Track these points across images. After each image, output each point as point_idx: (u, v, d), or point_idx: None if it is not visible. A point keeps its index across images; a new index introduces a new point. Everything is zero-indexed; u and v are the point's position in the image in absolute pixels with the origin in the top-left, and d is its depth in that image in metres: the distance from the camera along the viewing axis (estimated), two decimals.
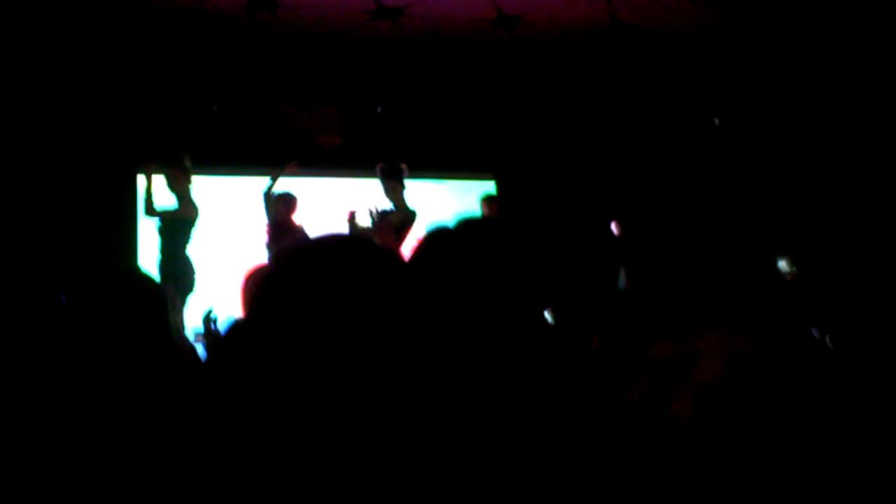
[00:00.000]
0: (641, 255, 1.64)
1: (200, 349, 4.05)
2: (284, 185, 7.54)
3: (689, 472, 1.43)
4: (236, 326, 2.33)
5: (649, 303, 1.64)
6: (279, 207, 7.41)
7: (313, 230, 7.47)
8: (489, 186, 9.23)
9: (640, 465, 1.44)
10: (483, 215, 7.83)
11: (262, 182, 7.55)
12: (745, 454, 1.44)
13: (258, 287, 1.12)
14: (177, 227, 7.23)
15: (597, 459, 1.46)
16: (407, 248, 6.90)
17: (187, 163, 7.32)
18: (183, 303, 7.06)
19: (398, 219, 7.02)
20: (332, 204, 8.30)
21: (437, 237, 1.36)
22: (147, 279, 2.00)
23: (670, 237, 1.61)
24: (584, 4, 7.33)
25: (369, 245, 1.12)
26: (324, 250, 1.11)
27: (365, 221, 6.91)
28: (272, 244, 7.33)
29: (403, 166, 7.18)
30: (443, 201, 8.21)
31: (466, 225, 1.38)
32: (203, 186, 7.66)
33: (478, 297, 1.24)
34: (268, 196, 7.39)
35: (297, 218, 7.51)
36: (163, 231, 7.28)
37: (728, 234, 1.75)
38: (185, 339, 4.53)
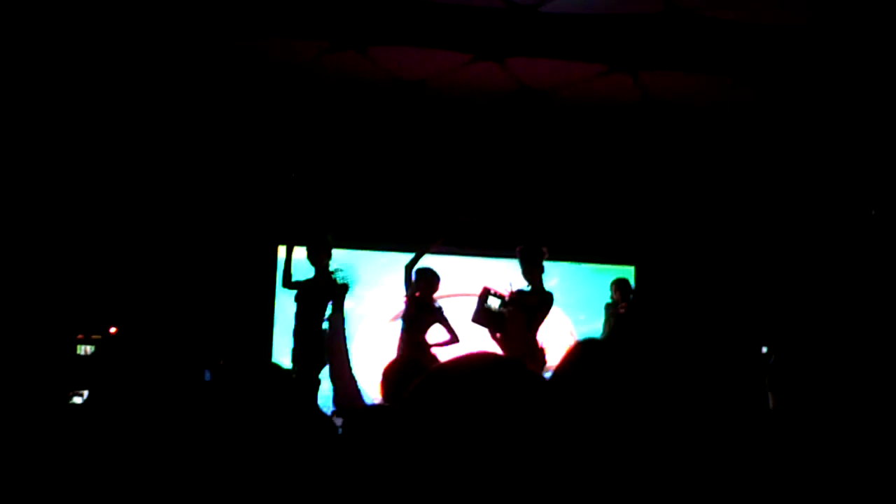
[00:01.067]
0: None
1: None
2: (427, 262, 7.61)
3: None
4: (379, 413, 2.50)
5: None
6: (420, 284, 7.47)
7: (450, 308, 7.55)
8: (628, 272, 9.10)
9: None
10: (613, 299, 7.70)
11: (404, 258, 7.64)
12: None
13: (407, 397, 1.13)
14: (313, 299, 7.34)
15: None
16: (539, 331, 7.00)
17: (329, 237, 7.46)
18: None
19: (533, 301, 6.99)
20: (472, 281, 8.31)
21: (589, 352, 1.30)
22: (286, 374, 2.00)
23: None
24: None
25: (517, 368, 1.11)
26: (471, 375, 1.11)
27: (496, 301, 6.90)
28: (408, 319, 7.35)
29: (544, 249, 7.17)
30: (576, 285, 8.02)
31: (619, 340, 1.32)
32: (344, 259, 7.78)
33: (635, 422, 1.19)
34: (409, 269, 7.45)
35: (437, 296, 7.54)
36: (300, 303, 7.41)
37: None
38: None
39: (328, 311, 7.08)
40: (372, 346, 7.77)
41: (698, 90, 7.52)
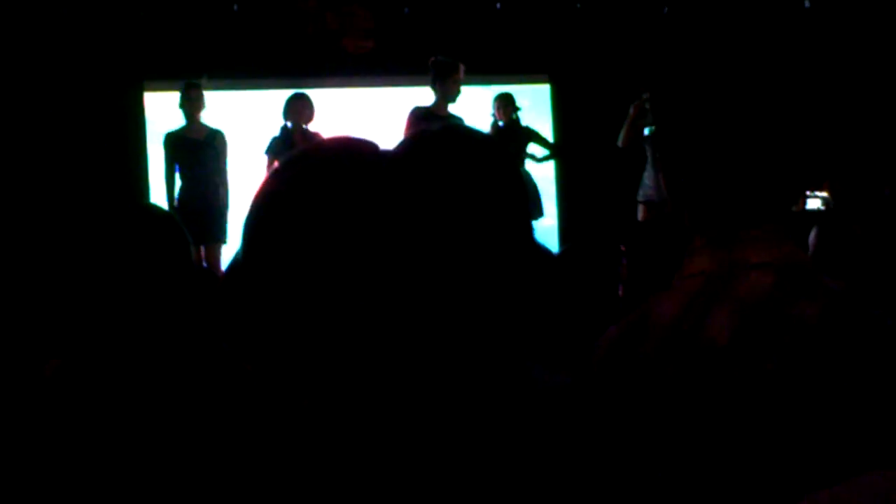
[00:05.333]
0: (677, 151, 1.42)
1: None
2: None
3: (730, 404, 1.27)
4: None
5: (686, 210, 1.43)
6: (289, 115, 6.92)
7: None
8: (543, 91, 8.44)
9: (672, 393, 1.31)
10: (495, 119, 7.30)
11: (282, 95, 7.03)
12: (796, 382, 1.25)
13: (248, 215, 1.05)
14: (188, 149, 6.84)
15: (620, 387, 1.36)
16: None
17: (204, 82, 6.93)
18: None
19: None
20: (364, 117, 7.63)
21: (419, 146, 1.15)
22: (168, 218, 2.03)
23: (710, 127, 1.38)
24: None
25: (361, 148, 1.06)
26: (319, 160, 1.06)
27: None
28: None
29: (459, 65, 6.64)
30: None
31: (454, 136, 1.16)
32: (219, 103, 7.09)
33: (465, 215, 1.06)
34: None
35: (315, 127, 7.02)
36: (172, 154, 6.90)
37: (780, 127, 1.39)
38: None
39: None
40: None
41: None
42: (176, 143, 6.85)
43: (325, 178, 1.01)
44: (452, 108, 6.62)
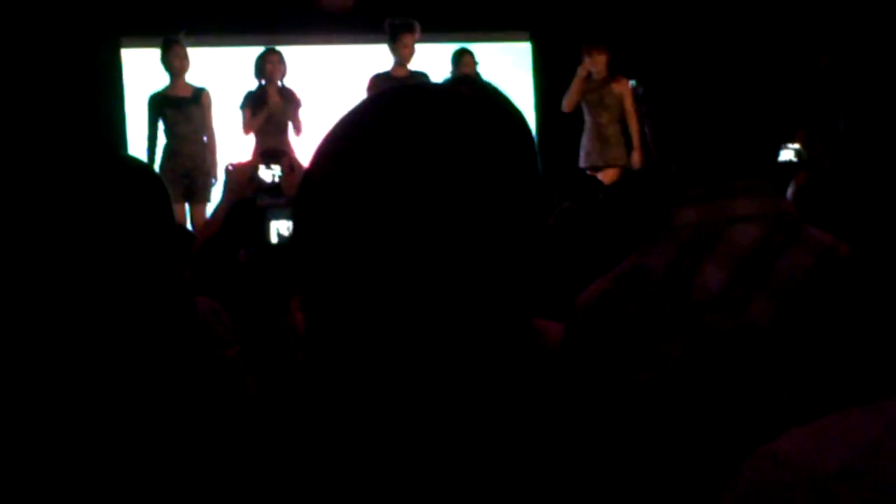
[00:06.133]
0: (666, 105, 1.43)
1: None
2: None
3: (721, 355, 1.29)
4: None
5: (674, 161, 1.45)
6: (261, 72, 6.89)
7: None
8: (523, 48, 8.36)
9: (666, 345, 1.31)
10: (453, 75, 7.19)
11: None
12: (789, 335, 1.26)
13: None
14: (175, 107, 6.79)
15: (610, 345, 1.36)
16: None
17: (182, 39, 6.82)
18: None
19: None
20: (343, 76, 7.55)
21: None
22: (146, 169, 1.89)
23: (697, 81, 1.40)
24: None
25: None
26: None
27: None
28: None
29: (412, 23, 6.71)
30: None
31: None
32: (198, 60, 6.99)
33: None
34: None
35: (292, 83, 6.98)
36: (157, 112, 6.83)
37: (761, 80, 1.42)
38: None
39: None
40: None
41: None
42: (162, 102, 6.78)
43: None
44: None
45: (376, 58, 7.13)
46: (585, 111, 7.28)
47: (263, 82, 6.88)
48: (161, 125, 6.78)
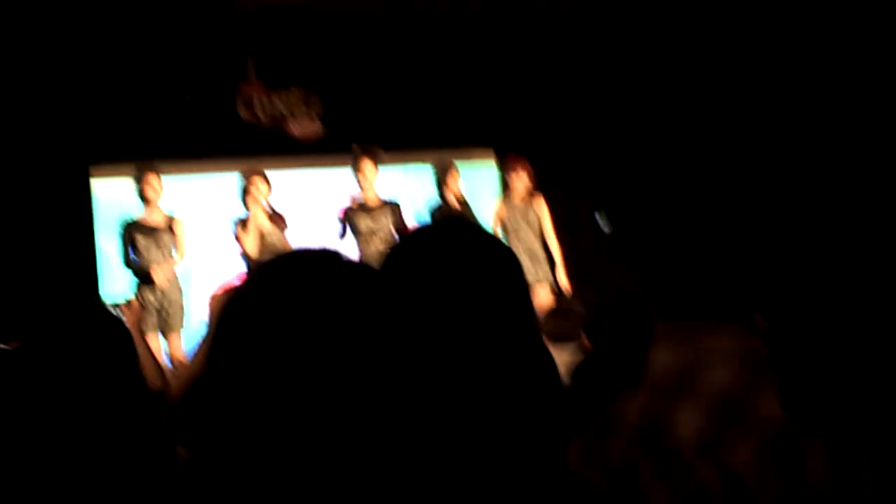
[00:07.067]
0: (638, 246, 1.52)
1: None
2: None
3: (696, 499, 1.31)
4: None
5: (649, 303, 1.52)
6: (245, 197, 6.87)
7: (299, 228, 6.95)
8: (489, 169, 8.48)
9: (642, 495, 1.33)
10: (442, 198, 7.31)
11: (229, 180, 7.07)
12: (765, 478, 1.29)
13: (222, 309, 1.05)
14: (147, 236, 6.80)
15: (589, 487, 1.37)
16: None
17: (157, 168, 6.91)
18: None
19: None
20: (314, 200, 7.65)
21: (414, 243, 1.28)
22: (115, 322, 1.99)
23: (671, 225, 1.48)
24: None
25: (337, 258, 1.05)
26: (292, 265, 1.06)
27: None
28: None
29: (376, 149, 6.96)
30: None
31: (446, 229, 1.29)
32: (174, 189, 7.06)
33: (458, 310, 1.16)
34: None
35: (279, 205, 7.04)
36: (130, 241, 6.84)
37: (737, 221, 1.53)
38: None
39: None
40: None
41: None
42: (133, 229, 6.79)
43: (310, 281, 0.99)
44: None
45: (347, 182, 7.23)
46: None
47: (250, 205, 6.87)
48: (132, 252, 6.79)
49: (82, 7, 7.15)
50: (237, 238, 6.85)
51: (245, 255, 6.75)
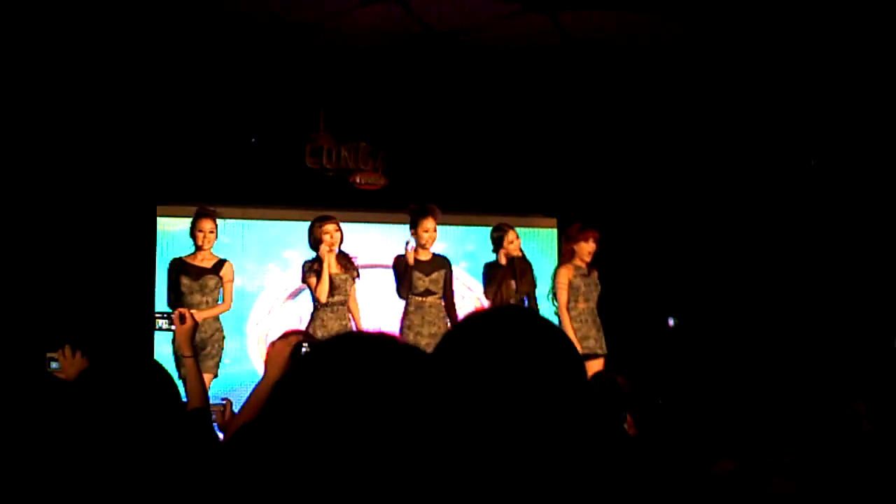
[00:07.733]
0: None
1: None
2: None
3: None
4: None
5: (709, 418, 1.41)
6: (317, 240, 6.80)
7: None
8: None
9: None
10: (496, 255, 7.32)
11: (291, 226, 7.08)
12: None
13: (285, 375, 1.12)
14: (192, 276, 6.84)
15: None
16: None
17: (215, 211, 6.98)
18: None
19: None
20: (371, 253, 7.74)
21: (469, 330, 1.27)
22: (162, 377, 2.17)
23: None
24: None
25: (394, 344, 1.10)
26: (352, 347, 1.11)
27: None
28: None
29: (431, 207, 6.91)
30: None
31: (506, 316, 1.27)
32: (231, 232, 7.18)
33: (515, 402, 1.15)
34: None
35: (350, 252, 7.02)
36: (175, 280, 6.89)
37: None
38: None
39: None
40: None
41: (624, 30, 7.14)
42: (179, 269, 6.80)
43: (367, 364, 1.04)
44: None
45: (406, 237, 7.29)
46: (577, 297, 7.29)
47: (322, 251, 6.76)
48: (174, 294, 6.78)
49: (163, 55, 7.39)
50: (306, 281, 6.83)
51: (315, 300, 6.73)
